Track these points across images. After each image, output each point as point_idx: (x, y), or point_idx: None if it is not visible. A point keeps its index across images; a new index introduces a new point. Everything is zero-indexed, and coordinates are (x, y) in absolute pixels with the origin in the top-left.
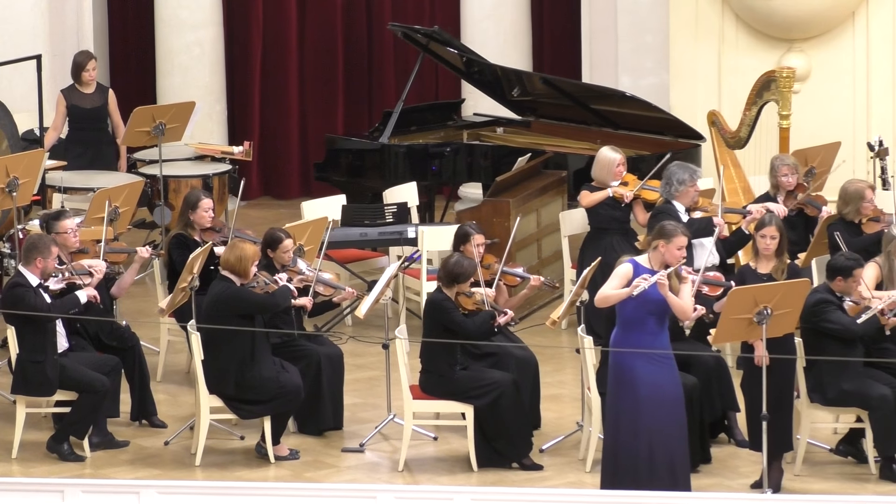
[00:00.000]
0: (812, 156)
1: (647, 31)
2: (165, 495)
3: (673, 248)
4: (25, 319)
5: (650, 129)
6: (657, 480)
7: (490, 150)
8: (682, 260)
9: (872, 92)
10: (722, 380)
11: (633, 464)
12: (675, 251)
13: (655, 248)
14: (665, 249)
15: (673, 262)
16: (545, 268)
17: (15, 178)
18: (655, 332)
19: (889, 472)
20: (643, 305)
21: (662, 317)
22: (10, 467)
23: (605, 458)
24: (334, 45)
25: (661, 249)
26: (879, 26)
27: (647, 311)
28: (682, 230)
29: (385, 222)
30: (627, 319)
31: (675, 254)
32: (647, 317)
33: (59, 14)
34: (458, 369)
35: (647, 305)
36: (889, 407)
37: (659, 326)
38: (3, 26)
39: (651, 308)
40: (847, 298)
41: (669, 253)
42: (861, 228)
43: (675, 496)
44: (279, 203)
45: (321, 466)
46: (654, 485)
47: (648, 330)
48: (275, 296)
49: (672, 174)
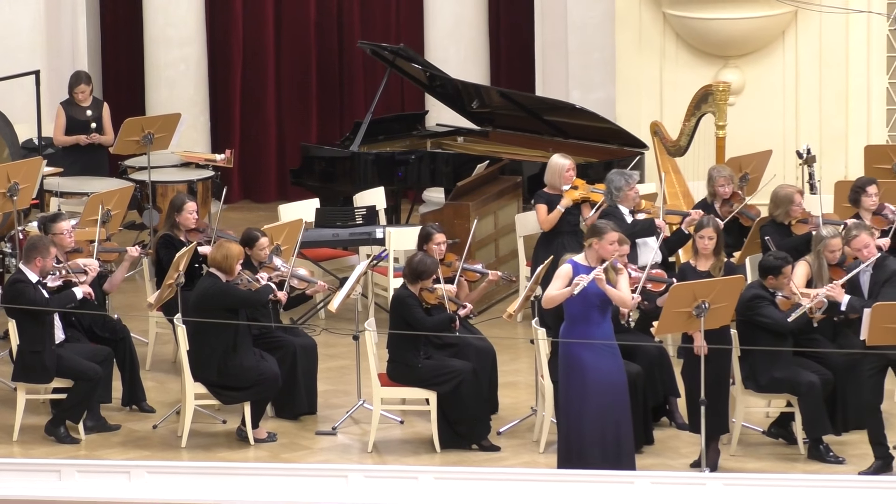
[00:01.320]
0: (746, 163)
1: (595, 48)
2: (154, 475)
3: (605, 243)
4: (25, 313)
5: (598, 138)
6: (604, 460)
7: (451, 158)
8: (616, 254)
9: (800, 104)
10: (664, 368)
11: (581, 445)
12: (607, 246)
13: (590, 246)
14: (599, 246)
15: (607, 256)
16: (502, 265)
17: (15, 183)
18: (599, 323)
19: (816, 452)
20: (586, 300)
21: (604, 308)
22: (11, 449)
23: (559, 440)
24: (308, 61)
25: (595, 247)
26: (807, 45)
27: (589, 305)
28: (611, 227)
29: (355, 224)
30: (573, 314)
31: (608, 248)
32: (590, 310)
33: (56, 32)
34: (423, 359)
35: (589, 300)
36: (816, 393)
37: (602, 317)
38: (4, 43)
39: (593, 302)
40: (779, 293)
41: (603, 249)
42: (791, 230)
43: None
44: (258, 206)
45: (297, 448)
46: (601, 464)
47: (592, 321)
48: (259, 292)
49: (611, 182)
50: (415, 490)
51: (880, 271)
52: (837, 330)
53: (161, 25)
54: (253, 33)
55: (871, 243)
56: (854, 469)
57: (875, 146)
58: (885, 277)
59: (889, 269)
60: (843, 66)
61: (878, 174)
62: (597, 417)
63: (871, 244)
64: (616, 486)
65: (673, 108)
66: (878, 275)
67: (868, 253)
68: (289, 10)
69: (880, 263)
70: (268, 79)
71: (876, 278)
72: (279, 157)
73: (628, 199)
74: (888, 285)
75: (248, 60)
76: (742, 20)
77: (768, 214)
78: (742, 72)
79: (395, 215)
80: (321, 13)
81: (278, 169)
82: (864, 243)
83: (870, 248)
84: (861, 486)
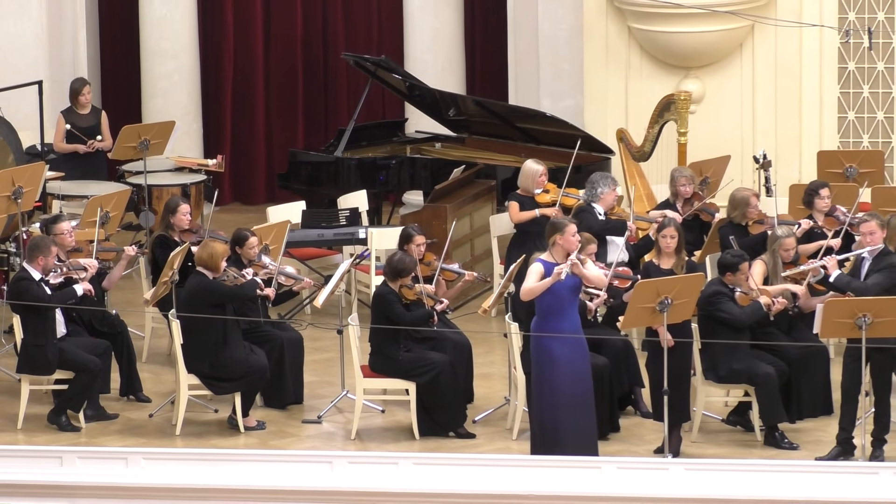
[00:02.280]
0: (706, 167)
1: (564, 60)
2: (150, 461)
3: (568, 236)
4: (29, 309)
5: (567, 144)
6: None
7: (430, 163)
8: (580, 244)
9: (757, 112)
10: (629, 360)
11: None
12: (570, 238)
13: (554, 243)
14: (562, 240)
15: (571, 248)
16: (477, 264)
17: (20, 186)
18: (568, 316)
19: (772, 439)
20: (556, 295)
21: (572, 302)
22: (16, 436)
23: (532, 427)
24: (295, 72)
25: (559, 242)
26: (763, 56)
27: (559, 298)
28: (568, 219)
29: (339, 225)
30: (544, 308)
31: (571, 240)
32: (560, 304)
33: (58, 45)
34: (403, 351)
35: (559, 294)
36: (772, 383)
37: (570, 309)
38: (9, 55)
39: (562, 296)
40: (737, 289)
41: (566, 241)
42: (747, 230)
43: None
44: (248, 208)
45: (284, 436)
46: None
47: (562, 315)
48: (243, 287)
49: (596, 181)
50: (395, 475)
51: (879, 261)
52: (792, 324)
53: (156, 39)
54: (243, 46)
55: (878, 231)
56: (808, 455)
57: (827, 152)
58: (880, 267)
59: (887, 261)
60: (797, 77)
61: (830, 178)
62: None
63: (877, 232)
64: (584, 471)
65: (637, 116)
66: (875, 264)
67: (872, 240)
68: (277, 25)
69: (882, 255)
70: (257, 89)
71: (873, 267)
72: (268, 162)
73: (607, 201)
74: (878, 275)
75: (239, 72)
76: (702, 33)
77: (726, 216)
78: (702, 82)
79: (376, 217)
80: (307, 27)
81: (267, 173)
82: (870, 229)
83: (875, 236)
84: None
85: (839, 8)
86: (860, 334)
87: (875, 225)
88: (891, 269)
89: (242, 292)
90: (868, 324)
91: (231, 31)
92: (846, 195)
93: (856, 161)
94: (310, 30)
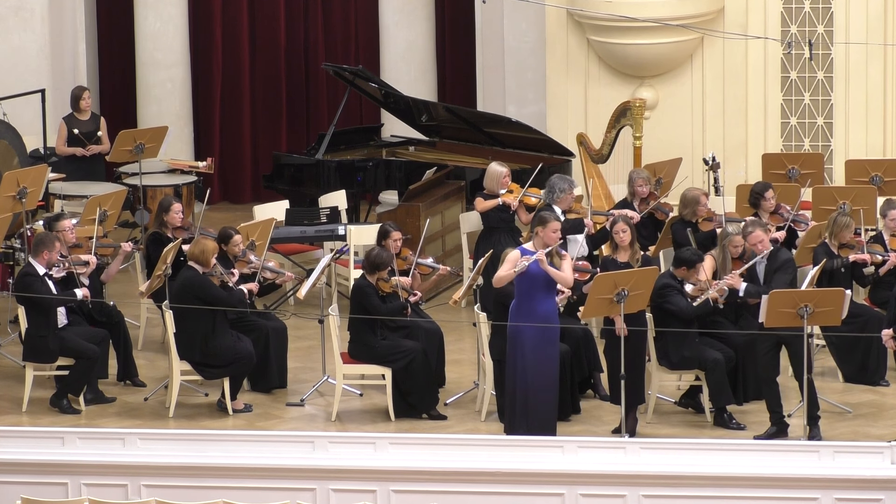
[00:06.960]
0: (660, 169)
1: (528, 69)
2: (145, 441)
3: (549, 230)
4: (33, 302)
5: (531, 147)
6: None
7: (403, 165)
8: (560, 241)
9: (706, 118)
10: (589, 347)
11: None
12: (550, 233)
13: (536, 234)
14: (543, 233)
15: (551, 242)
16: (448, 258)
17: (24, 187)
18: (543, 300)
19: (721, 420)
20: (532, 280)
21: (548, 288)
22: (21, 419)
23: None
24: (279, 80)
25: (540, 234)
26: (712, 66)
27: (534, 284)
28: (555, 217)
29: (320, 222)
30: (521, 292)
31: (552, 235)
32: (536, 289)
33: (60, 56)
34: (379, 339)
35: (534, 280)
36: (720, 368)
37: (546, 295)
38: (14, 65)
39: (538, 281)
40: (686, 283)
41: (546, 235)
42: (698, 227)
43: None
44: (235, 207)
45: (270, 418)
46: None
47: (537, 299)
48: (232, 296)
49: (554, 184)
50: (373, 454)
51: (773, 261)
52: (739, 313)
53: (150, 50)
54: (231, 57)
55: (765, 238)
56: (754, 434)
57: (771, 154)
58: (776, 266)
59: (780, 259)
60: (743, 85)
61: (774, 179)
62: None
63: (765, 239)
64: (547, 449)
65: (596, 122)
66: (771, 264)
67: (762, 246)
68: (262, 38)
69: (773, 255)
70: (244, 96)
71: (769, 267)
72: (254, 164)
73: (566, 201)
74: (779, 272)
75: (227, 80)
76: (656, 45)
77: (678, 214)
78: (656, 90)
79: (354, 215)
80: (290, 40)
81: (253, 174)
82: (758, 238)
83: (763, 243)
84: (757, 450)
85: (782, 21)
86: (802, 323)
87: (761, 233)
88: (787, 264)
89: (230, 302)
90: (809, 313)
91: (220, 44)
92: (789, 195)
93: (798, 163)
94: (292, 42)
